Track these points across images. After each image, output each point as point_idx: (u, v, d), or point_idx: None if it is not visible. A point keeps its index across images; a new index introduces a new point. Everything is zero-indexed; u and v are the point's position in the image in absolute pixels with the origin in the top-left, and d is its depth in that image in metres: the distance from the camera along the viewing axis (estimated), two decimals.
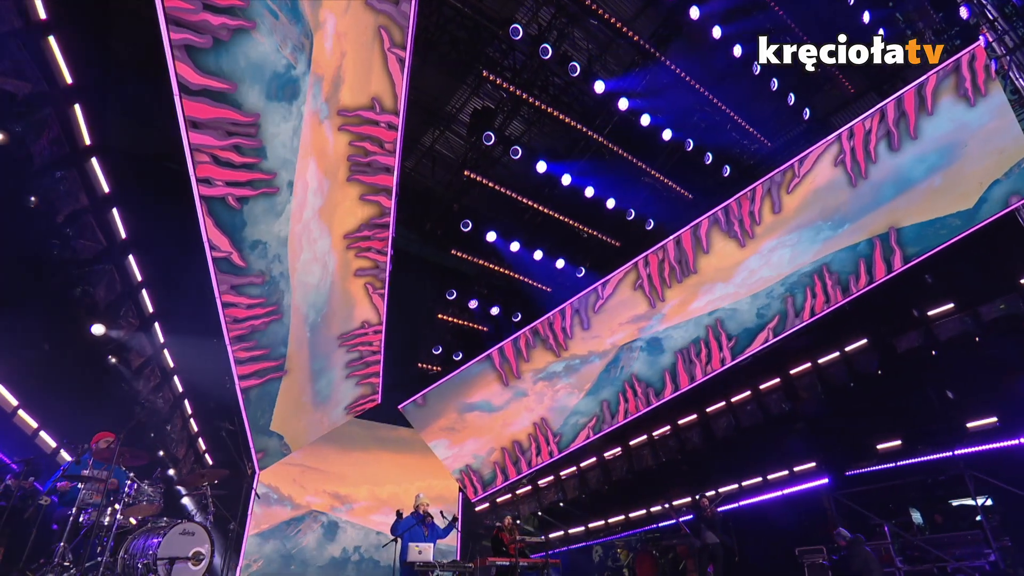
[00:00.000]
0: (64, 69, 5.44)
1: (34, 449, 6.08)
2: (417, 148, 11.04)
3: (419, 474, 13.81)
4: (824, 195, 10.41)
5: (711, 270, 11.31)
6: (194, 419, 9.75)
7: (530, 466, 13.15)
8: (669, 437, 12.26)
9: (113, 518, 4.97)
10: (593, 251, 11.64)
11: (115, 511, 5.01)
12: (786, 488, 11.15)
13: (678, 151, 10.02)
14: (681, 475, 12.12)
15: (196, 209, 7.33)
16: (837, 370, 10.85)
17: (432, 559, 7.24)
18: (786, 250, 10.76)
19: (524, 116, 9.39)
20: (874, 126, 9.93)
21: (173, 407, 8.97)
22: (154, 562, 4.90)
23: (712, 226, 11.10)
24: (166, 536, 5.07)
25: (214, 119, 6.81)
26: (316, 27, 7.06)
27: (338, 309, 10.53)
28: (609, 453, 12.88)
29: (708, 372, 11.40)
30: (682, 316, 11.57)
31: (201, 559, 5.28)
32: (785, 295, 10.84)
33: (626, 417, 12.19)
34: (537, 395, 12.91)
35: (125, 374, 7.58)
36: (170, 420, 8.96)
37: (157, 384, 8.41)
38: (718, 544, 8.71)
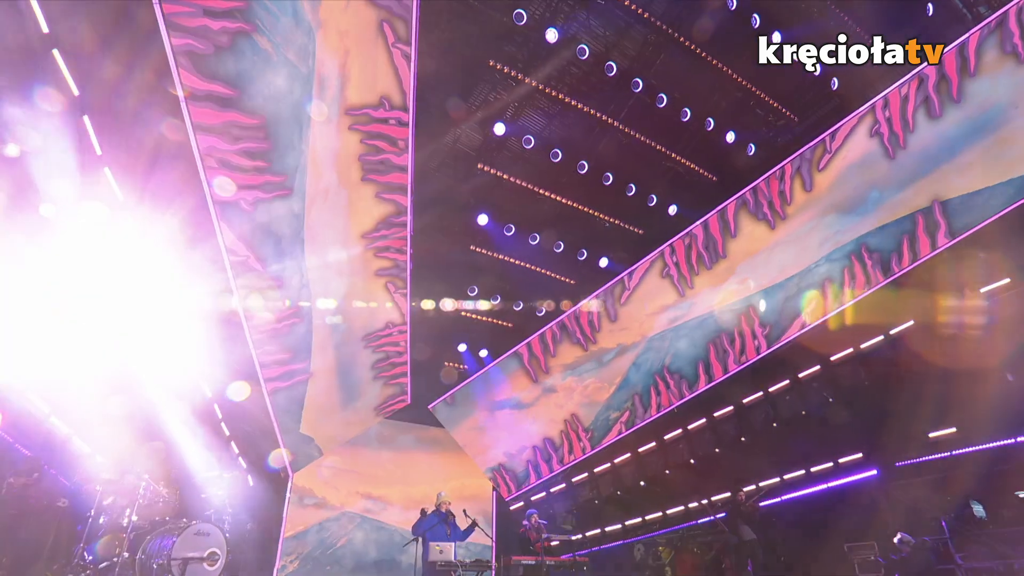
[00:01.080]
0: (70, 81, 5.56)
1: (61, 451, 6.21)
2: (442, 148, 10.94)
3: (452, 474, 13.75)
4: (859, 170, 9.82)
5: (741, 255, 10.84)
6: (224, 423, 9.93)
7: (563, 463, 12.92)
8: (705, 430, 11.83)
9: (129, 519, 5.03)
10: (616, 240, 11.32)
11: (131, 513, 5.07)
12: (831, 481, 10.58)
13: (699, 132, 9.60)
14: (719, 469, 11.67)
15: (211, 214, 7.46)
16: (881, 354, 10.22)
17: (454, 558, 7.13)
18: (821, 230, 10.20)
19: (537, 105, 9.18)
20: (911, 92, 9.31)
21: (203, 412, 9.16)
22: (168, 562, 4.92)
23: (740, 209, 10.64)
24: (180, 536, 5.10)
25: (221, 124, 6.88)
26: (317, 26, 7.05)
27: (361, 311, 10.55)
28: (643, 448, 12.53)
29: (743, 361, 10.94)
30: (713, 304, 11.13)
31: (216, 559, 5.29)
32: (822, 278, 10.27)
33: (659, 411, 11.82)
34: (567, 391, 12.67)
35: None
36: (202, 425, 9.13)
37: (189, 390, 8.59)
38: (756, 540, 8.29)
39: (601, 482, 12.98)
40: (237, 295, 8.32)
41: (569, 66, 8.40)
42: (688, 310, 11.36)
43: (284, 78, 7.10)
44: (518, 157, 9.48)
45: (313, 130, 7.83)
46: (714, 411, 11.66)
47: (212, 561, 5.27)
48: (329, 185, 8.58)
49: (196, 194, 7.13)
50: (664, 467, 12.12)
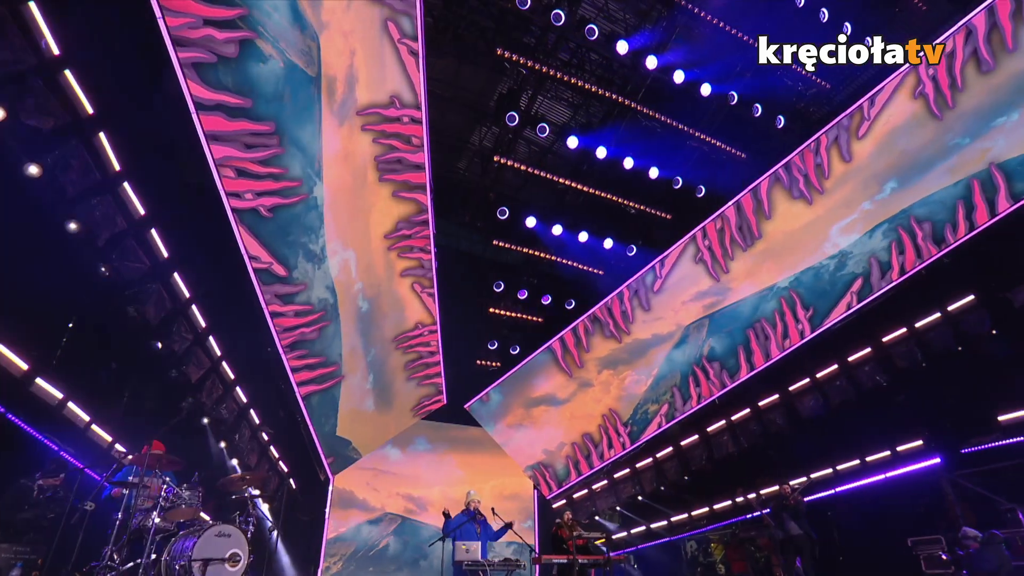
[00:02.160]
0: (84, 100, 5.76)
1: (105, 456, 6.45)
2: (468, 147, 10.88)
3: (492, 473, 13.67)
4: (903, 135, 9.15)
5: (778, 234, 10.29)
6: (262, 428, 10.15)
7: (603, 459, 12.62)
8: (750, 420, 11.27)
9: (152, 521, 5.14)
10: (643, 227, 10.94)
11: (155, 515, 5.18)
12: (889, 471, 9.87)
13: (722, 107, 9.12)
14: (767, 461, 11.09)
15: (230, 223, 7.61)
16: (940, 333, 9.44)
17: (482, 558, 7.00)
18: (864, 203, 9.55)
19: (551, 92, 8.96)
20: (958, 47, 8.59)
21: (239, 417, 9.38)
22: (189, 563, 4.99)
23: (774, 186, 10.10)
24: (201, 538, 5.16)
25: (233, 132, 6.99)
26: (320, 28, 7.08)
27: (389, 312, 10.60)
28: (686, 441, 12.07)
29: (786, 347, 10.37)
30: (751, 288, 10.62)
31: (238, 560, 5.34)
32: (867, 254, 9.61)
33: (700, 402, 11.36)
34: (603, 384, 12.37)
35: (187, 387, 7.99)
36: (238, 429, 9.37)
37: (220, 396, 8.81)
38: (803, 535, 7.80)
39: (644, 478, 12.59)
40: (263, 300, 8.46)
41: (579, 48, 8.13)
42: (724, 295, 10.88)
43: (292, 82, 7.17)
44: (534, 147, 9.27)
45: (326, 133, 7.88)
46: (758, 400, 11.10)
47: (234, 562, 5.31)
48: (347, 187, 8.63)
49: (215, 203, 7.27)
50: (708, 460, 11.62)
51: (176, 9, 5.98)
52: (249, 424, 9.77)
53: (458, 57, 10.30)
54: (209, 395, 8.55)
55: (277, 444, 10.65)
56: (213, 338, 8.37)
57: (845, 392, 10.34)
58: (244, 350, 8.98)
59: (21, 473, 5.41)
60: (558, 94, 9.00)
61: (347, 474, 12.15)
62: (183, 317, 7.75)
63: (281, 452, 10.88)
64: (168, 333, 7.50)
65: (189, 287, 7.68)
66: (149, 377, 7.46)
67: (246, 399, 9.46)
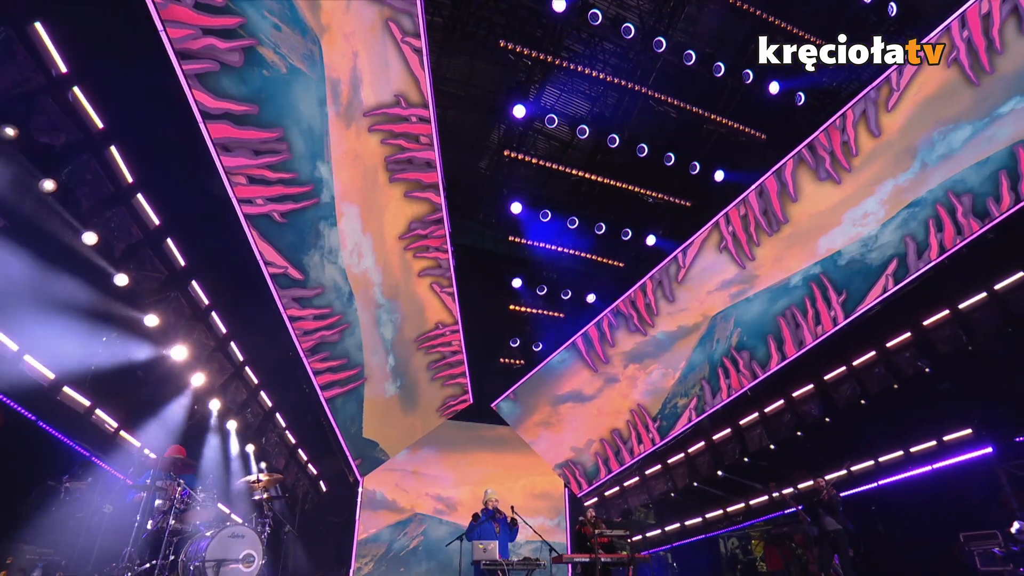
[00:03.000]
0: (94, 116, 5.93)
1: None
2: (487, 146, 10.80)
3: (522, 472, 13.56)
4: (937, 104, 8.63)
5: (805, 217, 9.86)
6: (289, 431, 10.31)
7: (632, 455, 12.36)
8: (784, 412, 10.82)
9: (167, 524, 5.23)
10: (662, 216, 10.64)
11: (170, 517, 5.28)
12: (936, 462, 9.31)
13: (737, 86, 8.76)
14: (803, 455, 10.63)
15: (244, 229, 7.74)
16: (986, 314, 8.84)
17: (503, 557, 6.90)
18: (896, 180, 9.05)
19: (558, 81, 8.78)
20: (994, 7, 8.05)
21: (265, 420, 9.55)
22: (203, 564, 5.05)
23: (798, 167, 9.67)
24: (214, 539, 5.23)
25: (241, 139, 7.09)
26: (321, 31, 7.12)
27: (408, 313, 10.62)
28: (718, 436, 11.69)
29: (819, 334, 9.92)
30: (779, 274, 10.21)
31: (252, 560, 5.39)
32: (903, 234, 9.10)
33: (730, 394, 10.99)
34: (629, 379, 12.11)
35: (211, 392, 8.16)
36: (264, 433, 9.53)
37: (245, 400, 8.98)
38: (841, 530, 7.41)
39: (676, 474, 12.26)
40: (280, 305, 8.57)
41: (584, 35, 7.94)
42: (751, 283, 10.49)
43: (295, 87, 7.23)
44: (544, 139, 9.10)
45: (334, 136, 7.93)
46: (792, 391, 10.65)
47: (248, 562, 5.35)
48: (358, 189, 8.67)
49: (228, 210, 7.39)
50: (742, 455, 11.22)
51: (177, 20, 6.10)
52: (276, 427, 9.93)
53: (471, 55, 10.26)
54: (234, 400, 8.71)
55: (305, 447, 10.81)
56: (235, 344, 8.52)
57: (884, 380, 9.81)
58: (266, 355, 9.12)
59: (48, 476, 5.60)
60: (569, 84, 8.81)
61: (376, 475, 12.25)
62: (203, 324, 7.91)
63: (310, 455, 11.04)
64: (189, 339, 7.67)
65: (208, 294, 7.84)
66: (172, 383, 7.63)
67: (271, 403, 9.61)
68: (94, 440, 6.58)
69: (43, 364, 6.19)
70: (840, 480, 10.37)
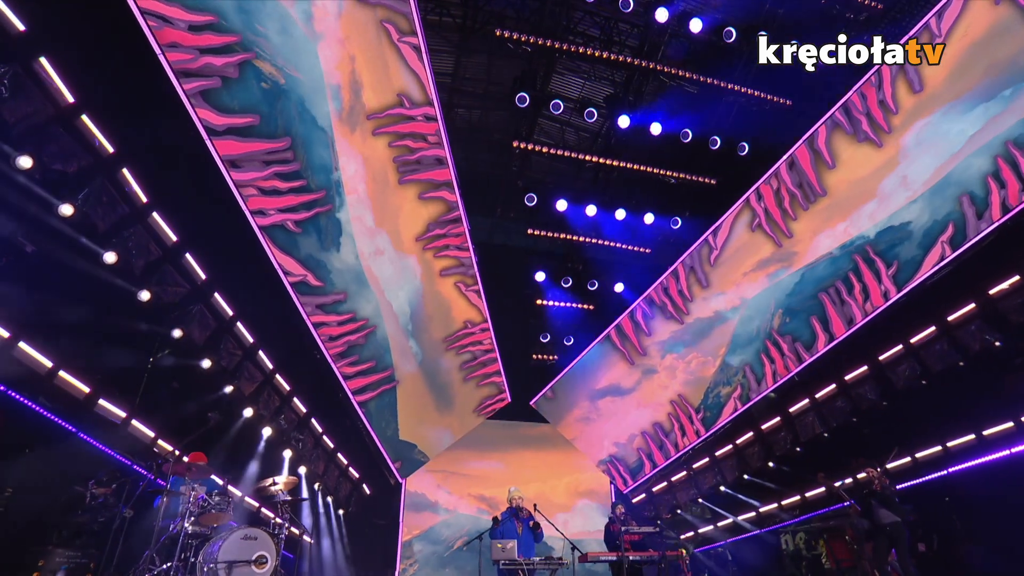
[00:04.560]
0: (104, 141, 6.23)
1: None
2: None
3: (565, 469, 13.33)
4: (987, 48, 7.81)
5: (844, 186, 9.15)
6: (326, 435, 10.53)
7: (677, 449, 11.87)
8: (836, 397, 10.06)
9: (183, 527, 5.40)
10: (685, 197, 10.12)
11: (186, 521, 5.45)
12: (1017, 446, 8.36)
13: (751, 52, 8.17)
14: (861, 442, 9.82)
15: (260, 240, 7.95)
16: None
17: (526, 556, 6.74)
18: (944, 135, 8.23)
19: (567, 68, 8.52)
20: None
21: (300, 426, 9.78)
22: (215, 565, 5.17)
23: (833, 132, 8.98)
24: (226, 541, 5.35)
25: (248, 153, 7.28)
26: (316, 39, 7.20)
27: (434, 313, 10.63)
28: (767, 425, 11.02)
29: (869, 311, 9.17)
30: (819, 250, 9.53)
31: (264, 562, 5.48)
32: (957, 194, 8.26)
33: (776, 380, 10.35)
34: (667, 370, 11.65)
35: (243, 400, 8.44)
36: (300, 438, 9.77)
37: (278, 407, 9.23)
38: (898, 523, 6.76)
39: (724, 467, 11.65)
40: (303, 312, 8.76)
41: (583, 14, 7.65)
42: (790, 261, 9.84)
43: (297, 97, 7.36)
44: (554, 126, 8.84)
45: (339, 142, 8.01)
46: (844, 373, 9.87)
47: (260, 564, 5.44)
48: (369, 193, 8.73)
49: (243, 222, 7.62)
50: (794, 444, 10.51)
51: (173, 43, 6.32)
52: (312, 433, 10.16)
53: (488, 53, 10.16)
54: (267, 406, 8.97)
55: (343, 451, 11.01)
56: (263, 352, 8.78)
57: (947, 357, 8.91)
58: (296, 361, 9.34)
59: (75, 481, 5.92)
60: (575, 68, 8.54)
61: (418, 477, 12.34)
62: (229, 335, 8.19)
63: (349, 458, 11.24)
64: (216, 350, 7.96)
65: (232, 305, 8.10)
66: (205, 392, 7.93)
67: (305, 409, 9.84)
68: (132, 448, 6.93)
69: (76, 379, 6.58)
70: (904, 468, 9.52)
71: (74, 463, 6.21)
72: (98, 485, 5.81)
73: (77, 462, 6.29)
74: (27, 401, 6.12)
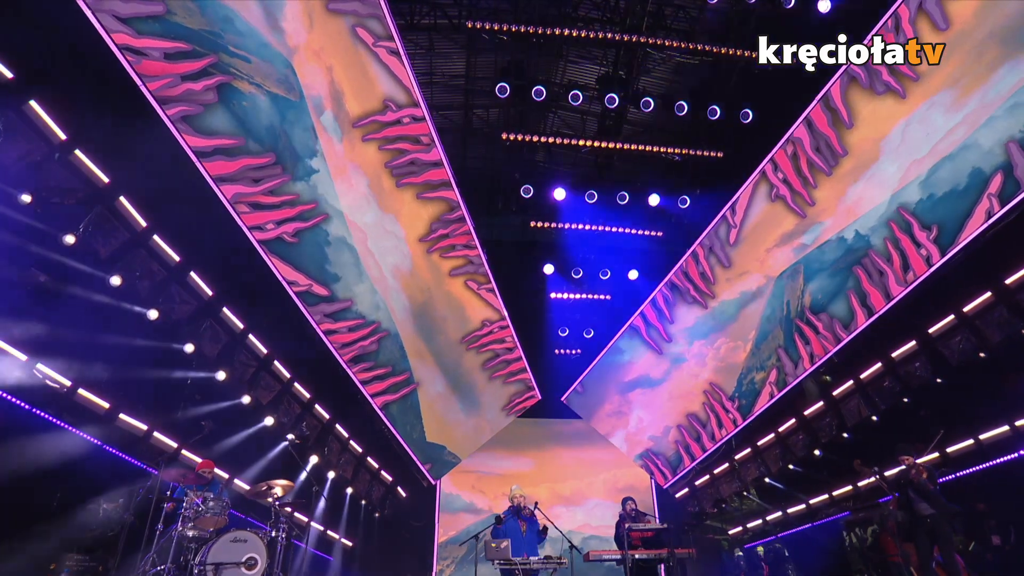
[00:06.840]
0: (98, 172, 6.64)
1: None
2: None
3: (601, 466, 12.97)
4: None
5: (868, 144, 8.33)
6: (353, 440, 10.75)
7: (715, 440, 11.25)
8: (883, 376, 9.16)
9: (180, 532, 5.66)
10: (692, 173, 9.52)
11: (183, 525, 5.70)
12: None
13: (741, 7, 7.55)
14: (917, 424, 8.88)
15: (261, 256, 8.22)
16: None
17: (528, 556, 6.57)
18: (978, 78, 7.31)
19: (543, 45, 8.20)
20: None
21: (324, 432, 10.05)
22: (203, 566, 5.38)
23: (848, 87, 8.20)
24: (215, 544, 5.55)
25: (237, 171, 7.53)
26: (290, 54, 7.35)
27: (447, 314, 10.62)
28: (809, 411, 10.22)
29: (910, 281, 8.30)
30: (847, 217, 8.73)
31: (254, 564, 5.63)
32: (1002, 139, 7.32)
33: (814, 362, 9.59)
34: (696, 357, 11.06)
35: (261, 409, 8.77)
36: (326, 444, 10.04)
37: (299, 414, 9.52)
38: (938, 516, 6.03)
39: (767, 457, 10.89)
40: (312, 321, 8.98)
41: None
42: (816, 232, 9.08)
43: (279, 112, 7.54)
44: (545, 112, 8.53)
45: (327, 152, 8.15)
46: (890, 351, 8.97)
47: (249, 566, 5.60)
48: (365, 199, 8.83)
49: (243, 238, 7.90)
50: (840, 430, 9.67)
51: (152, 74, 6.63)
52: (337, 438, 10.40)
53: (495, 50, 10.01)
54: (287, 414, 9.27)
55: (373, 455, 11.21)
56: (278, 362, 9.08)
57: (1009, 325, 7.92)
58: (313, 370, 9.60)
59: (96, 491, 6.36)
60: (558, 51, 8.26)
61: (452, 478, 12.38)
62: (242, 347, 8.52)
63: (380, 462, 11.43)
64: (231, 362, 8.31)
65: (241, 319, 8.43)
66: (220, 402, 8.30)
67: (328, 415, 10.09)
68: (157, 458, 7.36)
69: (97, 396, 7.05)
70: (968, 451, 8.55)
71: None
72: (109, 502, 6.17)
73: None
74: (51, 418, 6.63)
